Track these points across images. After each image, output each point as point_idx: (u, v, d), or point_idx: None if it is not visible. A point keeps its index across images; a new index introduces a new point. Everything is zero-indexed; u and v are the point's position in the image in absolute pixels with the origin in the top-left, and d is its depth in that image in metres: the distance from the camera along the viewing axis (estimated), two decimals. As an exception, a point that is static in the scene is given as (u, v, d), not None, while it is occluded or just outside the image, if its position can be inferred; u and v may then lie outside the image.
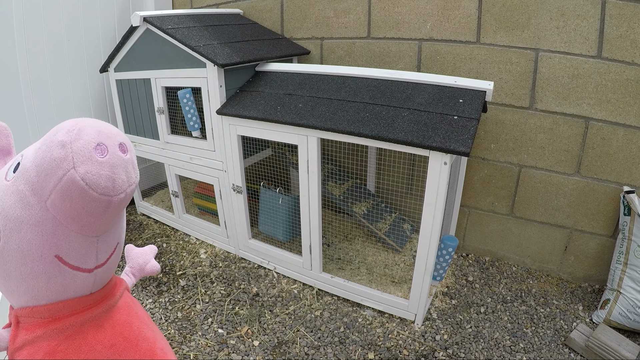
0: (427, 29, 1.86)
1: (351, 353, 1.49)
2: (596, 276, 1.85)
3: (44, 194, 0.64)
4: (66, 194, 0.62)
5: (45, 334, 0.71)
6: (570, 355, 1.49)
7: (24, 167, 0.66)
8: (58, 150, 0.62)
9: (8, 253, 0.67)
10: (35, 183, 0.64)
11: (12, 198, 0.66)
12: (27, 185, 0.65)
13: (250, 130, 1.70)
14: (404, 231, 2.04)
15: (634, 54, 1.52)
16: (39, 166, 0.63)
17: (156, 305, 1.72)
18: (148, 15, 1.81)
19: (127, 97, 2.15)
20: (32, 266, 0.68)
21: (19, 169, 0.67)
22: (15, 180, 0.67)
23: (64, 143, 0.62)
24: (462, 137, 1.30)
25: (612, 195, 1.71)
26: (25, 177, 0.65)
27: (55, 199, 0.63)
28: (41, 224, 0.65)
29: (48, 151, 0.62)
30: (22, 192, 0.65)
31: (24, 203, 0.65)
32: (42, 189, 0.63)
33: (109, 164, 0.64)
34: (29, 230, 0.66)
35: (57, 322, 0.72)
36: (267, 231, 2.05)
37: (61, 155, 0.61)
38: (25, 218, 0.65)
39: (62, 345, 0.71)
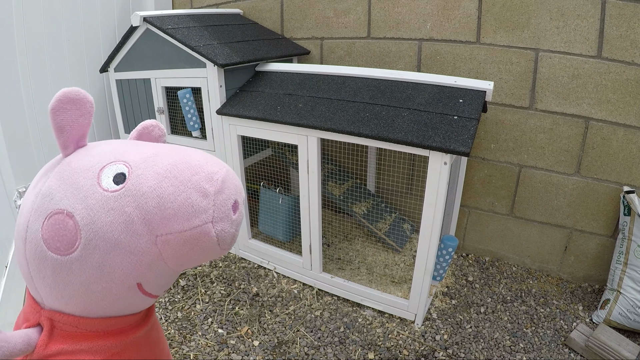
0: (427, 29, 1.86)
1: (351, 353, 1.49)
2: (596, 276, 1.85)
3: (161, 231, 0.59)
4: (193, 242, 0.60)
5: (92, 348, 0.65)
6: (570, 355, 1.49)
7: (138, 189, 0.60)
8: (199, 197, 0.59)
9: (81, 267, 0.60)
10: (154, 215, 0.59)
11: (111, 216, 0.59)
12: (139, 211, 0.59)
13: (250, 130, 1.70)
14: (404, 231, 2.04)
15: (634, 54, 1.52)
16: (166, 201, 0.59)
17: (156, 305, 1.72)
18: (148, 15, 1.81)
19: (127, 97, 2.15)
20: (106, 287, 0.62)
21: (128, 187, 0.60)
22: (119, 197, 0.59)
23: (207, 193, 0.59)
24: (462, 137, 1.30)
25: (612, 195, 1.71)
26: (139, 202, 0.59)
27: (175, 240, 0.60)
28: (139, 254, 0.61)
29: (184, 191, 0.59)
30: (130, 216, 0.59)
31: (128, 229, 0.59)
32: (161, 225, 0.59)
33: (237, 223, 0.64)
34: (121, 256, 0.60)
35: (107, 338, 0.67)
36: (267, 231, 2.05)
37: (202, 205, 0.59)
38: (123, 244, 0.60)
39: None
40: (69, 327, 0.65)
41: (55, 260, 0.60)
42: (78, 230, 0.59)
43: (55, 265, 0.60)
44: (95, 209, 0.59)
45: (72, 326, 0.65)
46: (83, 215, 0.59)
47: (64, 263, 0.60)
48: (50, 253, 0.60)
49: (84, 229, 0.59)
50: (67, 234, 0.59)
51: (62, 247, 0.59)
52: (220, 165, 0.64)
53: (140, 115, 2.12)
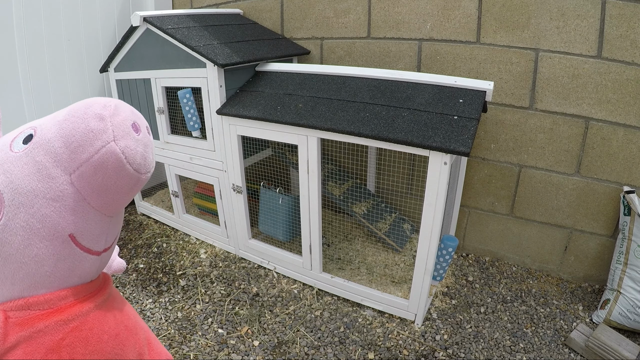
0: (427, 29, 1.86)
1: (351, 353, 1.49)
2: (596, 276, 1.85)
3: (71, 166, 0.62)
4: (102, 166, 0.61)
5: (47, 327, 0.64)
6: (570, 355, 1.49)
7: (44, 138, 0.62)
8: (96, 122, 0.61)
9: (11, 232, 0.61)
10: (62, 154, 0.61)
11: (25, 169, 0.61)
12: (48, 156, 0.61)
13: (250, 130, 1.70)
14: (404, 231, 2.04)
15: (634, 54, 1.52)
16: (69, 137, 0.61)
17: (156, 305, 1.72)
18: (148, 15, 1.81)
19: (127, 97, 2.15)
20: (40, 247, 0.63)
21: (35, 140, 0.62)
22: (30, 151, 0.62)
23: (103, 116, 0.61)
24: (462, 137, 1.30)
25: (612, 195, 1.71)
26: (46, 148, 0.62)
27: (86, 171, 0.62)
28: (61, 199, 0.62)
29: (82, 122, 0.61)
30: (41, 163, 0.61)
31: (42, 175, 0.61)
32: (70, 160, 0.61)
33: (143, 142, 0.65)
34: (45, 205, 0.61)
35: (60, 312, 0.65)
36: (267, 231, 2.05)
37: (100, 127, 0.61)
38: (42, 191, 0.61)
39: (67, 338, 0.65)
40: (22, 312, 0.64)
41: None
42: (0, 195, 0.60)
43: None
44: (10, 170, 0.61)
45: (24, 310, 0.64)
46: (2, 179, 0.61)
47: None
48: None
49: (4, 190, 0.60)
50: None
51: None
52: (112, 99, 0.67)
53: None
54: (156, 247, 2.15)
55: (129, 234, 2.28)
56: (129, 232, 2.30)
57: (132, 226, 2.36)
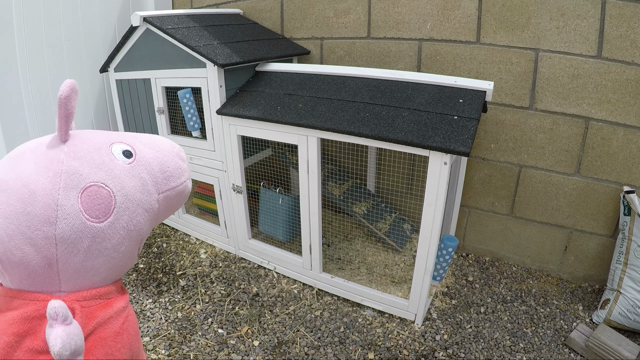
0: (427, 29, 1.86)
1: (351, 353, 1.49)
2: (596, 276, 1.85)
3: (162, 188, 0.81)
4: (180, 194, 0.86)
5: (115, 314, 0.75)
6: (570, 355, 1.49)
7: (145, 160, 0.79)
8: (182, 163, 0.86)
9: (114, 229, 0.72)
10: (158, 177, 0.81)
11: (134, 181, 0.76)
12: (149, 175, 0.79)
13: (250, 130, 1.70)
14: (404, 231, 2.04)
15: (634, 54, 1.52)
16: (165, 166, 0.82)
17: (156, 305, 1.72)
18: (148, 15, 1.81)
19: (127, 97, 2.15)
20: (128, 245, 0.76)
21: (138, 159, 0.78)
22: (136, 166, 0.77)
23: (184, 159, 0.88)
24: (462, 137, 1.30)
25: (612, 195, 1.71)
26: (148, 169, 0.79)
27: (170, 195, 0.83)
28: (151, 211, 0.79)
29: (173, 159, 0.84)
30: (145, 179, 0.78)
31: (144, 189, 0.77)
32: (163, 184, 0.81)
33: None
34: (141, 214, 0.77)
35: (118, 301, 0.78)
36: (267, 231, 2.05)
37: (184, 167, 0.87)
38: (143, 202, 0.77)
39: (125, 322, 0.78)
40: (92, 301, 0.73)
41: (94, 229, 0.70)
42: (113, 197, 0.72)
43: (95, 234, 0.70)
44: (121, 178, 0.74)
45: (95, 299, 0.74)
46: (114, 183, 0.73)
47: (101, 230, 0.70)
48: (90, 222, 0.69)
49: (117, 194, 0.73)
50: (104, 201, 0.71)
51: (101, 213, 0.70)
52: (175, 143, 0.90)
53: (140, 115, 2.11)
54: (156, 247, 2.15)
55: (129, 234, 2.27)
56: (129, 232, 2.30)
57: (132, 226, 2.36)
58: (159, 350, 1.48)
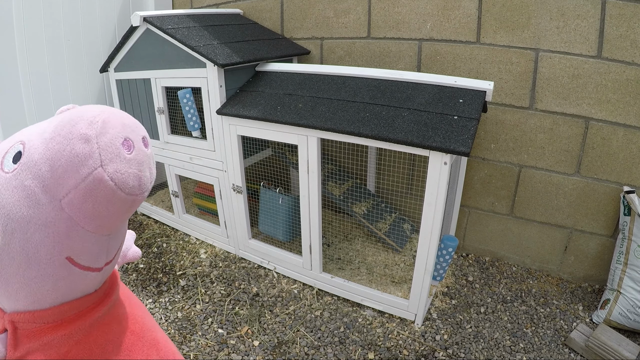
0: (427, 29, 1.86)
1: (351, 353, 1.49)
2: (596, 276, 1.85)
3: (60, 192, 0.57)
4: (90, 193, 0.57)
5: (54, 340, 0.64)
6: (570, 355, 1.49)
7: (31, 160, 0.58)
8: (81, 145, 0.56)
9: (9, 256, 0.59)
10: (49, 179, 0.57)
11: (15, 194, 0.57)
12: (36, 181, 0.57)
13: (250, 130, 1.70)
14: (404, 231, 2.04)
15: (634, 54, 1.52)
16: (54, 161, 0.56)
17: (156, 305, 1.72)
18: (148, 15, 1.81)
19: (127, 97, 2.15)
20: (39, 269, 0.60)
21: (23, 161, 0.58)
22: (18, 173, 0.58)
23: (88, 137, 0.56)
24: (462, 137, 1.30)
25: (612, 195, 1.71)
26: (34, 172, 0.58)
27: (75, 198, 0.58)
28: (53, 225, 0.59)
29: (67, 145, 0.56)
30: (30, 188, 0.57)
31: (32, 201, 0.58)
32: (57, 186, 0.57)
33: (136, 161, 0.59)
34: (37, 232, 0.58)
35: (64, 326, 0.66)
36: (267, 231, 2.05)
37: (86, 151, 0.56)
38: (33, 218, 0.58)
39: (73, 351, 0.66)
40: (29, 324, 0.64)
41: None
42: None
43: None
44: (2, 194, 0.58)
45: (31, 323, 0.64)
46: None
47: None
48: None
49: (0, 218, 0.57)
50: None
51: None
52: (103, 108, 0.60)
53: (140, 115, 2.12)
54: (156, 247, 2.15)
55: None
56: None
57: (132, 226, 2.36)
58: (159, 350, 1.48)
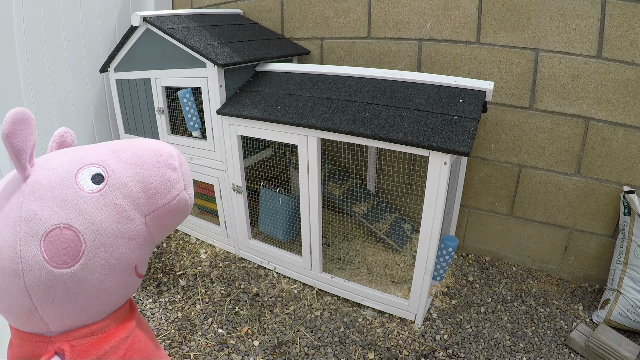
0: (427, 29, 1.86)
1: (351, 353, 1.49)
2: (596, 276, 1.85)
3: (148, 209, 0.70)
4: (175, 210, 0.73)
5: (112, 347, 0.70)
6: (570, 355, 1.49)
7: (119, 182, 0.68)
8: (171, 172, 0.71)
9: (90, 270, 0.65)
10: (140, 198, 0.69)
11: (105, 212, 0.66)
12: (126, 199, 0.68)
13: (250, 130, 1.70)
14: (404, 231, 2.04)
15: (634, 54, 1.52)
16: (147, 183, 0.69)
17: (156, 305, 1.72)
18: (148, 15, 1.81)
19: (127, 97, 2.15)
20: (113, 280, 0.68)
21: (110, 182, 0.67)
22: (106, 193, 0.66)
23: (175, 167, 0.72)
24: (462, 137, 1.30)
25: (612, 195, 1.71)
26: (124, 192, 0.68)
27: (160, 214, 0.71)
28: (136, 237, 0.69)
29: (158, 171, 0.70)
30: (121, 206, 0.67)
31: (122, 217, 0.67)
32: (148, 205, 0.70)
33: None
34: (123, 244, 0.67)
35: (117, 333, 0.72)
36: (267, 231, 2.05)
37: (174, 177, 0.72)
38: (122, 232, 0.67)
39: (128, 353, 0.72)
40: (85, 340, 0.68)
41: (64, 276, 0.63)
42: (80, 237, 0.63)
43: (66, 280, 0.63)
44: (89, 212, 0.64)
45: (87, 337, 0.68)
46: (80, 221, 0.63)
47: (73, 274, 0.63)
48: (58, 270, 0.62)
49: (85, 232, 0.63)
50: (70, 244, 0.63)
51: (69, 258, 0.63)
52: (168, 145, 0.76)
53: (140, 115, 2.12)
54: (156, 247, 2.15)
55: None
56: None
57: (132, 226, 2.36)
58: (159, 350, 1.49)
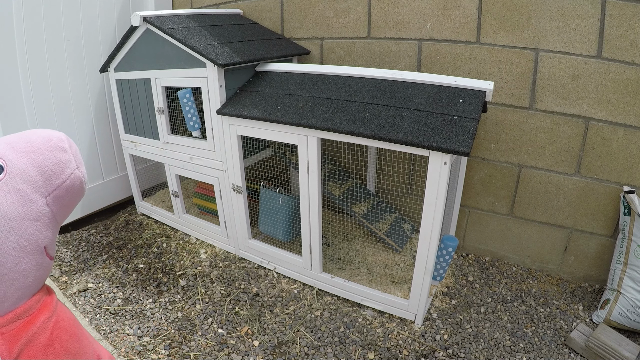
0: (427, 29, 1.86)
1: (351, 353, 1.49)
2: (596, 276, 1.85)
3: (47, 190, 0.75)
4: (71, 188, 0.78)
5: (39, 328, 0.74)
6: (570, 355, 1.49)
7: (17, 169, 0.73)
8: (62, 154, 0.77)
9: (4, 254, 0.69)
10: (38, 181, 0.74)
11: (9, 197, 0.71)
12: (27, 183, 0.73)
13: (250, 130, 1.70)
14: (404, 231, 2.04)
15: (634, 54, 1.52)
16: (42, 166, 0.74)
17: (156, 305, 1.72)
18: (148, 15, 1.81)
19: (127, 97, 2.15)
20: (27, 261, 0.73)
21: (10, 170, 0.72)
22: (8, 181, 0.71)
23: (65, 149, 0.78)
24: (462, 137, 1.30)
25: (612, 195, 1.71)
26: (24, 177, 0.73)
27: (59, 194, 0.77)
28: (40, 218, 0.75)
29: (50, 154, 0.76)
30: (22, 190, 0.72)
31: (25, 200, 0.72)
32: (46, 186, 0.75)
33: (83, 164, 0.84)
34: (30, 225, 0.72)
35: (41, 313, 0.76)
36: (267, 231, 2.05)
37: (66, 158, 0.77)
38: (27, 214, 0.72)
39: (54, 332, 0.76)
40: (12, 324, 0.72)
41: None
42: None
43: None
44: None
45: (14, 322, 0.73)
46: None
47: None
48: None
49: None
50: None
51: None
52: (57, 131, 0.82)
53: (140, 115, 2.12)
54: (156, 247, 2.15)
55: (129, 234, 2.28)
56: (129, 232, 2.30)
57: (132, 226, 2.36)
58: (159, 350, 1.48)
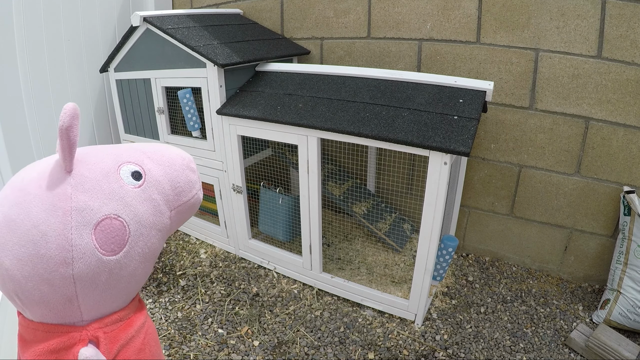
0: (427, 29, 1.86)
1: (351, 353, 1.49)
2: (596, 276, 1.85)
3: (173, 205, 0.81)
4: (192, 207, 0.86)
5: (136, 333, 0.77)
6: (570, 355, 1.49)
7: (155, 180, 0.78)
8: (192, 175, 0.85)
9: (130, 258, 0.72)
10: (169, 195, 0.80)
11: (146, 205, 0.75)
12: (161, 195, 0.78)
13: (250, 130, 1.70)
14: (404, 231, 2.04)
15: (634, 54, 1.52)
16: (175, 182, 0.81)
17: (156, 305, 1.72)
18: (148, 15, 1.81)
19: (127, 97, 2.15)
20: (144, 267, 0.76)
21: (148, 179, 0.77)
22: (146, 189, 0.76)
23: (195, 170, 0.86)
24: (462, 137, 1.30)
25: (612, 195, 1.71)
26: (159, 189, 0.78)
27: (182, 210, 0.83)
28: (164, 230, 0.79)
29: (183, 172, 0.83)
30: (156, 201, 0.77)
31: (157, 210, 0.77)
32: (174, 201, 0.81)
33: None
34: (155, 235, 0.76)
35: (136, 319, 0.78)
36: (267, 231, 2.05)
37: (194, 179, 0.85)
38: (156, 224, 0.76)
39: (146, 338, 0.79)
40: (115, 325, 0.74)
41: (110, 262, 0.69)
42: (126, 227, 0.70)
43: (112, 267, 0.69)
44: (133, 204, 0.72)
45: (116, 323, 0.74)
46: (126, 212, 0.71)
47: (117, 261, 0.70)
48: (107, 257, 0.68)
49: (130, 223, 0.71)
50: (118, 233, 0.69)
51: (116, 246, 0.69)
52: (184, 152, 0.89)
53: (140, 115, 2.12)
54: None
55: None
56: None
57: (132, 226, 2.36)
58: (159, 350, 1.48)
